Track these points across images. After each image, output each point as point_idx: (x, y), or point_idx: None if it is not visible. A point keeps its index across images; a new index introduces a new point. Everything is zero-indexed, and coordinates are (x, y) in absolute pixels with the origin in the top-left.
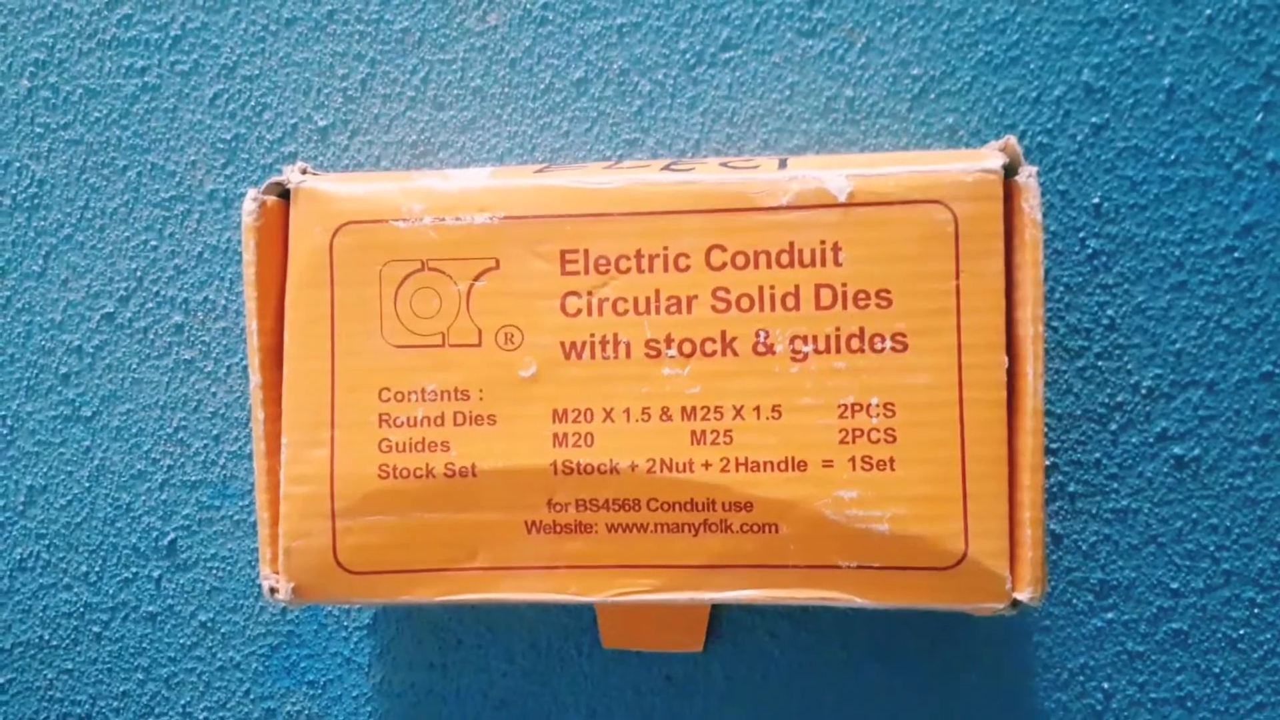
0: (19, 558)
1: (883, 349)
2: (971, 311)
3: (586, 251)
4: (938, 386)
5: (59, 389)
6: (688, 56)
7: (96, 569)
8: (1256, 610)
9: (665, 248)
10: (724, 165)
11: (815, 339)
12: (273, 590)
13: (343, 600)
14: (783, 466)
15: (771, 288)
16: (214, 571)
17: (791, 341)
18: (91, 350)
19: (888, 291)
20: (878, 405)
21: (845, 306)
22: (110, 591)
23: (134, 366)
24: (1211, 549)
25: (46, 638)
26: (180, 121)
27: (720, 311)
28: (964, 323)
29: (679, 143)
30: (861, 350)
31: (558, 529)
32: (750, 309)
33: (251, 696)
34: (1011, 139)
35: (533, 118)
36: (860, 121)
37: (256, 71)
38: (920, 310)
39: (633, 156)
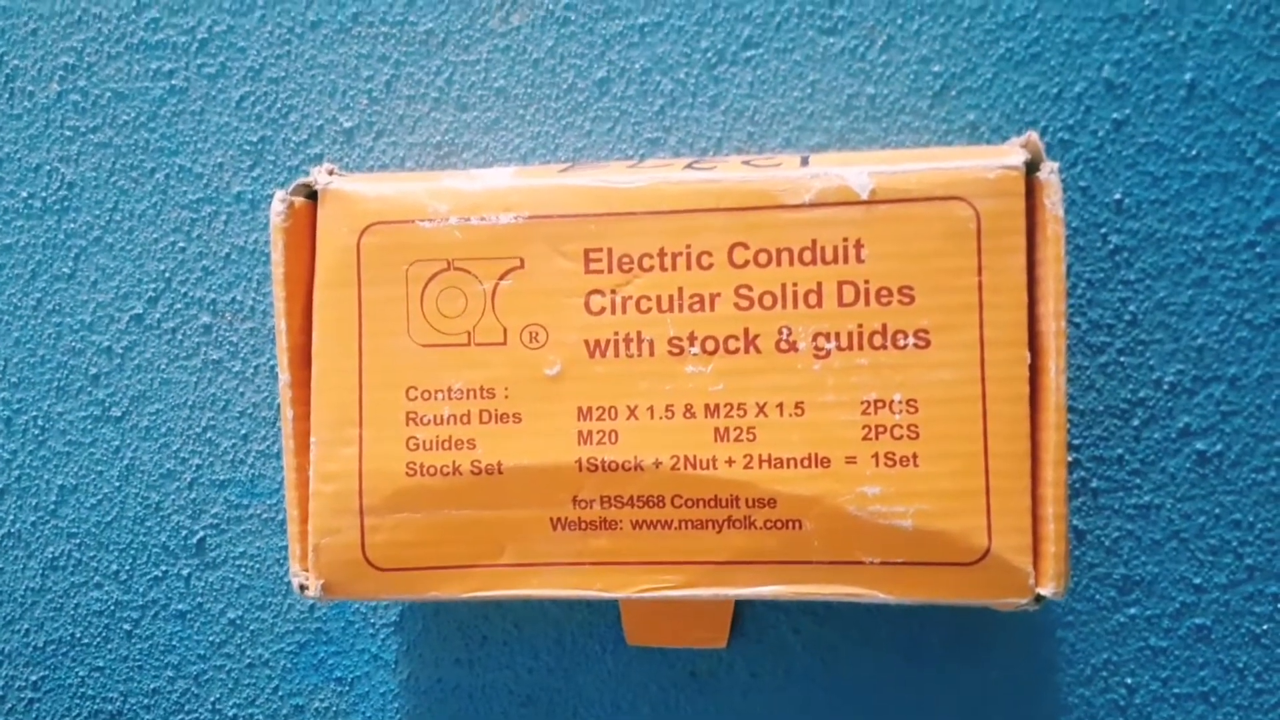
0: (51, 557)
1: (905, 345)
2: (994, 308)
3: (610, 250)
4: (960, 382)
5: (89, 389)
6: (709, 55)
7: (127, 567)
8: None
9: (688, 246)
10: (746, 163)
11: (838, 336)
12: (302, 587)
13: (371, 596)
14: (806, 463)
15: (794, 285)
16: (243, 569)
17: (814, 338)
18: (121, 351)
19: (910, 288)
20: (900, 401)
21: (868, 303)
22: (140, 590)
23: (163, 367)
24: (1234, 544)
25: (78, 635)
26: (207, 124)
27: (743, 309)
28: (986, 319)
29: (701, 141)
30: (884, 347)
31: (583, 526)
32: (773, 306)
33: (280, 693)
34: (1033, 135)
35: (555, 118)
36: (882, 119)
37: (282, 74)
38: (943, 306)
39: (655, 155)
